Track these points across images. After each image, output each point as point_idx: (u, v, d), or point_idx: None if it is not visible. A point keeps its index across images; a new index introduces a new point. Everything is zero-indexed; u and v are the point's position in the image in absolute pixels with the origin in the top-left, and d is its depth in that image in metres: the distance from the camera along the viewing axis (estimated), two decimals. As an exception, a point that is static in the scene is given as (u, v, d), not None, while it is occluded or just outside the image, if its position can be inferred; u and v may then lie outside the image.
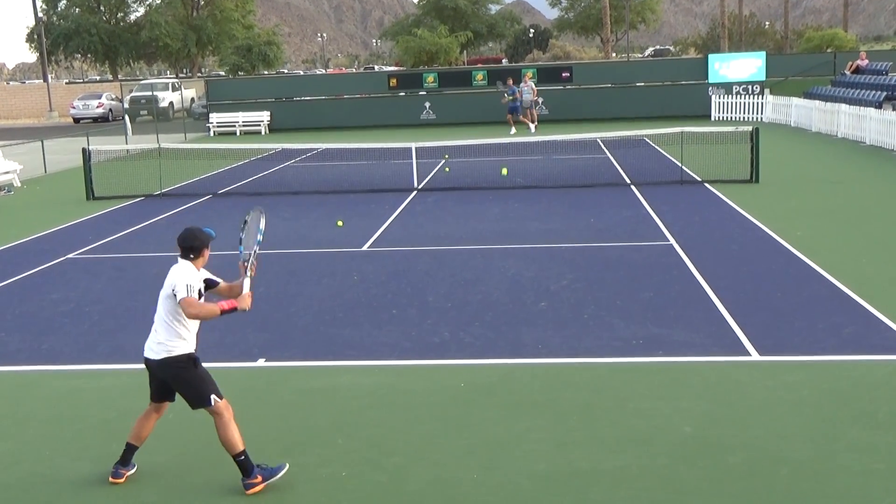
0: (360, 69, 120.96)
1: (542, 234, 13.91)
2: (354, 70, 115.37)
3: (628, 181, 18.97)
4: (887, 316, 9.01)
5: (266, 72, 68.43)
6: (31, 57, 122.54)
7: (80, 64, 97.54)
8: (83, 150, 19.86)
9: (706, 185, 18.06)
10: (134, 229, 15.71)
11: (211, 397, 5.76)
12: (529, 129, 30.80)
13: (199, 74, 75.48)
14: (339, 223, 15.06)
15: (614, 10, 78.39)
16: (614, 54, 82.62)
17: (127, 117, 34.64)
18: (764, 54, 37.36)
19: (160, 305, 5.81)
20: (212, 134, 36.62)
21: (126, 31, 73.39)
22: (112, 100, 49.86)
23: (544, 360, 8.24)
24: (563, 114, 35.06)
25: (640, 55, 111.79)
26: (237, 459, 5.80)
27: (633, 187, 18.18)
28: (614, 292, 10.34)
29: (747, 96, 33.81)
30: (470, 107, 35.92)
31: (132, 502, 5.84)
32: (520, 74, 35.15)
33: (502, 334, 9.01)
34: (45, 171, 24.94)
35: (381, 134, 31.98)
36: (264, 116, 37.24)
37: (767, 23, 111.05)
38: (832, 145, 24.64)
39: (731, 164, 18.94)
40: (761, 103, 33.06)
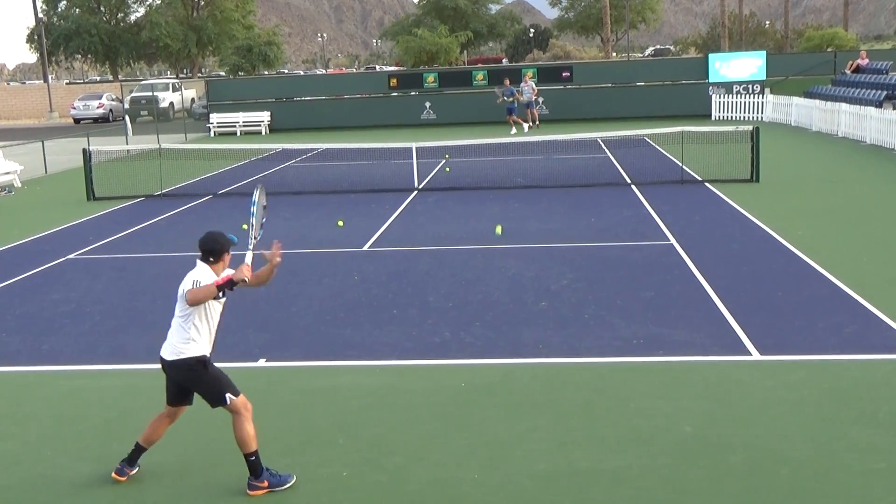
0: (360, 69, 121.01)
1: (543, 233, 13.91)
2: (355, 70, 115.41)
3: (629, 181, 18.97)
4: (888, 315, 9.01)
5: (266, 72, 68.45)
6: (31, 57, 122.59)
7: (80, 64, 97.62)
8: (84, 150, 19.87)
9: (706, 184, 18.06)
10: (134, 229, 15.71)
11: (226, 396, 5.79)
12: (522, 129, 30.81)
13: (199, 75, 75.51)
14: (340, 223, 15.06)
15: (614, 10, 78.38)
16: (614, 54, 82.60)
17: (127, 118, 34.63)
18: (764, 54, 37.34)
19: (175, 308, 5.83)
20: (212, 134, 36.61)
21: (126, 32, 73.43)
22: (112, 100, 49.88)
23: (545, 360, 8.24)
24: (563, 113, 35.06)
25: (641, 55, 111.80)
26: (248, 459, 5.82)
27: (633, 187, 18.18)
28: (615, 292, 10.34)
29: (748, 96, 33.80)
30: (470, 107, 35.92)
31: (133, 502, 5.84)
32: (520, 74, 35.19)
33: (503, 334, 9.01)
34: (46, 172, 24.95)
35: (381, 134, 31.98)
36: (265, 117, 37.25)
37: (768, 22, 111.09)
38: (833, 145, 24.64)
39: (732, 164, 18.94)
40: (762, 103, 33.06)
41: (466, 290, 10.73)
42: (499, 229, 11.22)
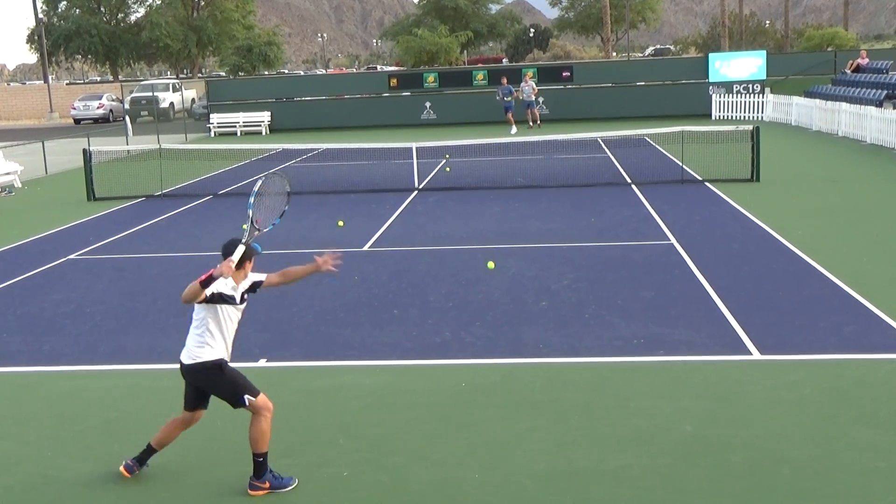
0: (361, 69, 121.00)
1: (543, 233, 13.91)
2: (355, 70, 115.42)
3: (629, 180, 18.97)
4: (888, 314, 9.01)
5: (266, 72, 68.46)
6: (31, 58, 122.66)
7: (80, 65, 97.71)
8: (84, 150, 19.87)
9: (707, 184, 18.05)
10: (135, 230, 15.72)
11: (244, 397, 5.82)
12: (510, 130, 30.76)
13: (199, 75, 75.54)
14: (340, 223, 15.05)
15: (614, 10, 78.41)
16: (615, 54, 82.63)
17: (127, 118, 34.65)
18: (764, 53, 37.34)
19: (192, 312, 5.84)
20: (212, 134, 36.63)
21: (126, 32, 73.50)
22: (113, 100, 49.91)
23: (545, 360, 8.24)
24: (563, 113, 35.06)
25: (641, 54, 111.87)
26: (256, 458, 5.84)
27: (633, 186, 18.18)
28: (615, 292, 10.35)
29: (748, 95, 33.80)
30: (470, 107, 35.94)
31: (133, 502, 5.85)
32: (520, 74, 35.19)
33: (503, 334, 9.01)
34: (46, 172, 24.96)
35: (381, 134, 31.99)
36: (265, 117, 37.26)
37: (768, 22, 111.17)
38: (833, 144, 24.64)
39: (732, 164, 18.93)
40: (762, 102, 33.05)
41: (467, 289, 10.73)
42: (491, 265, 11.25)
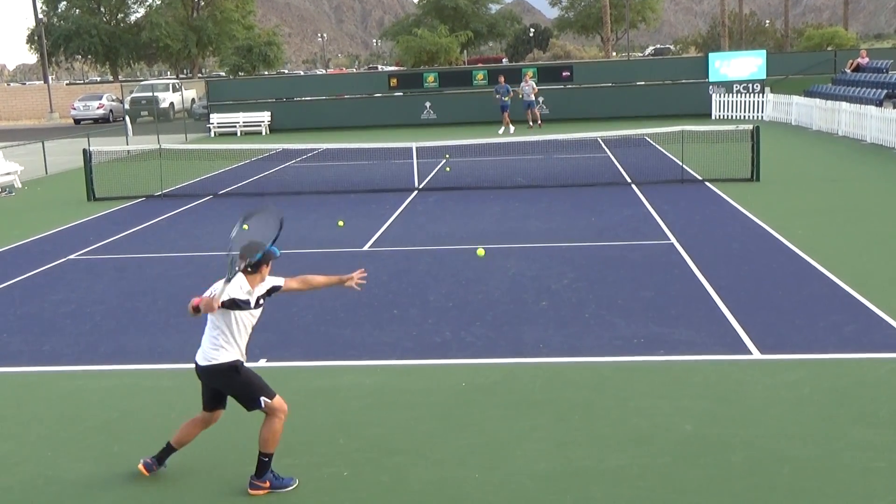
0: (361, 69, 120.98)
1: (543, 233, 13.91)
2: (355, 70, 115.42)
3: (629, 180, 18.97)
4: (888, 314, 9.01)
5: (266, 72, 68.48)
6: (31, 58, 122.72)
7: (80, 65, 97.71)
8: (84, 150, 19.86)
9: (707, 183, 18.05)
10: (135, 230, 15.72)
11: (260, 399, 5.82)
12: (498, 130, 30.72)
13: (199, 75, 75.53)
14: (340, 223, 15.05)
15: (614, 9, 78.42)
16: (614, 53, 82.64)
17: (127, 118, 34.66)
18: (764, 53, 37.34)
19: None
20: (212, 134, 36.63)
21: (126, 32, 73.50)
22: (113, 101, 49.90)
23: (545, 360, 8.24)
24: (563, 113, 35.06)
25: (641, 54, 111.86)
26: (261, 458, 5.85)
27: (633, 186, 18.18)
28: (615, 291, 10.35)
29: (748, 95, 33.79)
30: (470, 107, 35.91)
31: (133, 502, 5.85)
32: (520, 74, 35.19)
33: (503, 334, 9.01)
34: (46, 172, 24.96)
35: (381, 134, 31.99)
36: (265, 117, 37.26)
37: (768, 21, 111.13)
38: (833, 144, 24.64)
39: (732, 163, 18.93)
40: (762, 102, 33.05)
41: (467, 289, 10.73)
42: (480, 251, 11.24)
